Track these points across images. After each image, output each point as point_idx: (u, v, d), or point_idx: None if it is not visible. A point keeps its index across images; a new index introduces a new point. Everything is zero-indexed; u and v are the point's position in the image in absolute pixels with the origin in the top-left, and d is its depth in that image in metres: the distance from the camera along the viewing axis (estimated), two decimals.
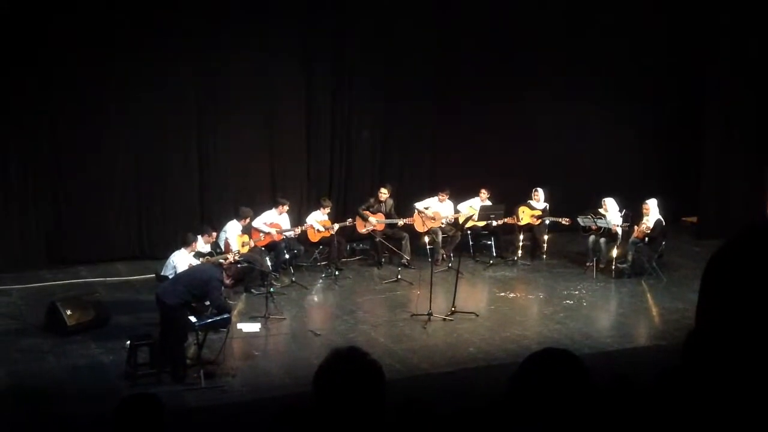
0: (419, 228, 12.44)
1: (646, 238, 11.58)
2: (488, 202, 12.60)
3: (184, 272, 8.60)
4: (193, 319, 8.02)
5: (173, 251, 9.65)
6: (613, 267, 11.69)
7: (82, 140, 11.60)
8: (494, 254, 12.72)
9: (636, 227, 11.67)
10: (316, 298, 11.02)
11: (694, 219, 14.48)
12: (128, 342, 8.07)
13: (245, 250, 10.87)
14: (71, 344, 8.74)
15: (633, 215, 11.81)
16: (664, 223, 11.63)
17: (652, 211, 11.59)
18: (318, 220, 11.91)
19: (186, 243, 9.65)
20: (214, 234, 10.48)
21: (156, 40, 11.68)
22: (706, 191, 14.12)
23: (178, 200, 12.28)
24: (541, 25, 13.53)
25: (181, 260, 9.42)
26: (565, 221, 12.43)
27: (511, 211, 12.64)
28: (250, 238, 11.20)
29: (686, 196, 14.43)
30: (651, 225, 11.51)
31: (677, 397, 1.74)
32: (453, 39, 13.42)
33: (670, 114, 14.77)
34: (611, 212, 11.91)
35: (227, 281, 8.57)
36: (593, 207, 12.09)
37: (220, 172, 12.55)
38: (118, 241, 11.99)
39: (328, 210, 11.97)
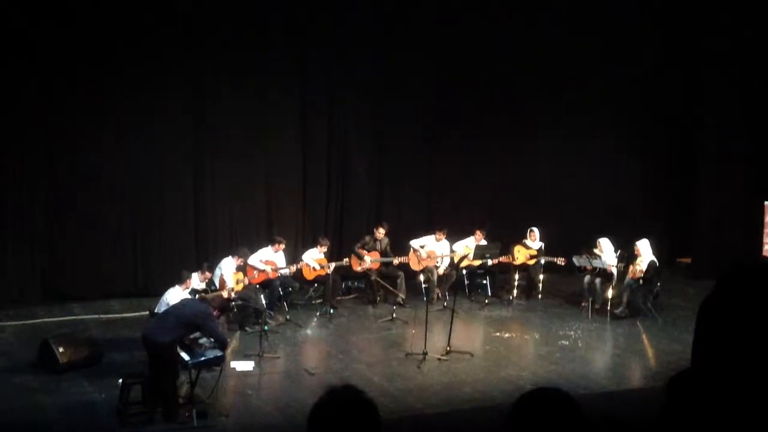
0: (414, 266, 12.44)
1: (641, 280, 11.59)
2: (484, 242, 12.62)
3: (171, 309, 8.44)
4: (185, 356, 7.96)
5: (168, 288, 9.63)
6: (609, 308, 11.67)
7: (78, 177, 11.65)
8: (490, 293, 12.70)
9: (631, 266, 11.69)
10: (310, 337, 10.96)
11: (688, 260, 14.51)
12: (120, 380, 8.00)
13: (240, 287, 10.85)
14: (63, 382, 8.66)
15: (628, 255, 11.83)
16: (657, 264, 11.65)
17: (645, 253, 11.61)
18: (314, 258, 11.91)
19: (180, 280, 9.62)
20: (209, 273, 10.47)
21: (153, 76, 11.79)
22: (700, 231, 14.18)
23: (173, 237, 12.28)
24: (540, 65, 13.65)
25: (175, 298, 9.38)
26: (560, 261, 12.44)
27: (507, 250, 12.67)
28: (245, 275, 11.18)
29: (681, 237, 14.48)
30: (644, 267, 11.53)
31: None
32: (452, 77, 13.55)
33: (664, 154, 14.87)
34: (606, 252, 11.93)
35: (214, 313, 8.49)
36: (588, 247, 12.11)
37: (216, 209, 12.59)
38: (113, 278, 11.96)
39: (325, 249, 11.98)
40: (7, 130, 11.18)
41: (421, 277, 12.40)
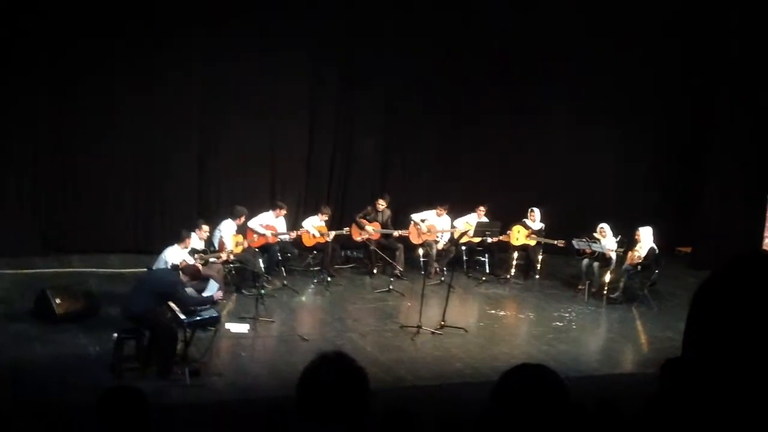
0: (414, 240, 12.45)
1: (639, 266, 11.60)
2: (485, 219, 12.62)
3: (143, 280, 8.54)
4: (182, 316, 8.00)
5: (167, 247, 9.65)
6: (605, 292, 11.70)
7: (83, 133, 11.65)
8: (488, 271, 12.72)
9: (630, 252, 11.69)
10: (306, 303, 11.01)
11: (688, 249, 14.50)
12: (115, 335, 8.05)
13: (239, 250, 10.87)
14: (59, 333, 8.72)
15: (628, 241, 11.83)
16: (657, 252, 11.64)
17: (645, 239, 11.60)
18: (314, 226, 11.91)
19: (179, 239, 9.65)
20: (206, 228, 10.46)
21: (160, 38, 11.74)
22: (702, 222, 14.16)
23: (176, 196, 12.30)
24: (547, 48, 13.55)
25: (174, 256, 9.42)
26: (559, 243, 12.43)
27: (507, 229, 12.67)
28: (245, 238, 11.20)
29: (683, 226, 14.46)
30: (643, 253, 11.53)
31: (662, 424, 1.75)
32: (459, 55, 13.48)
33: (670, 143, 14.81)
34: (606, 237, 11.92)
35: (184, 279, 8.53)
36: (589, 230, 12.10)
37: (219, 171, 12.59)
38: (113, 234, 11.98)
39: (326, 217, 11.98)
40: (14, 88, 11.12)
41: (420, 251, 12.42)
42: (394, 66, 13.19)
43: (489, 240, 12.55)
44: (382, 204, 12.38)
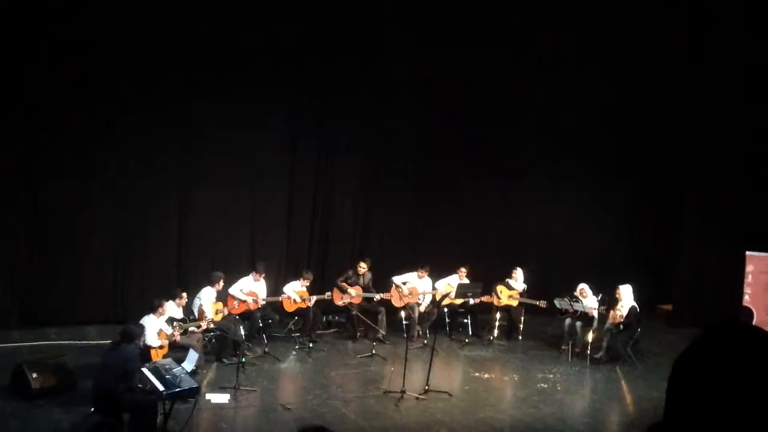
0: (396, 303, 12.40)
1: (621, 325, 11.60)
2: (466, 281, 12.62)
3: (104, 365, 8.26)
4: (160, 387, 7.86)
5: (143, 316, 9.54)
6: (589, 352, 11.65)
7: (61, 202, 11.60)
8: (470, 333, 12.66)
9: (611, 312, 11.70)
10: (288, 371, 10.87)
11: (669, 306, 14.55)
12: (92, 409, 7.86)
13: (219, 317, 10.76)
14: (35, 408, 8.52)
15: (609, 300, 11.85)
16: (638, 310, 11.67)
17: (626, 298, 11.63)
18: (295, 291, 11.85)
19: (153, 308, 9.56)
20: (185, 296, 10.37)
21: (138, 103, 11.80)
22: (680, 280, 14.25)
23: (154, 265, 12.21)
24: (523, 109, 13.83)
25: (150, 325, 9.31)
26: (542, 303, 12.42)
27: (489, 290, 12.66)
28: (225, 305, 11.10)
29: (662, 284, 14.54)
30: (625, 312, 11.55)
31: None
32: (441, 117, 13.67)
33: (647, 202, 14.99)
34: (588, 297, 11.94)
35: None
36: (570, 290, 12.13)
37: (198, 238, 12.54)
38: (91, 304, 11.83)
39: (307, 283, 11.93)
40: None
41: (402, 314, 12.36)
42: (373, 128, 13.35)
43: (471, 301, 12.53)
44: (363, 267, 12.36)
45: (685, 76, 14.11)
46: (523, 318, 12.70)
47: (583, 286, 11.99)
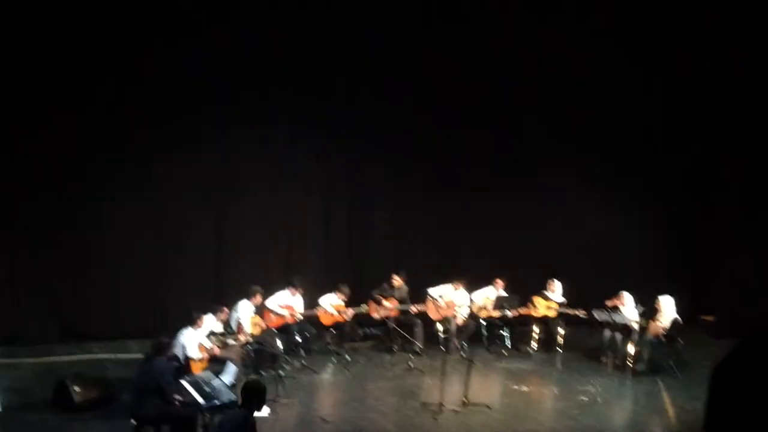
0: (433, 315, 12.36)
1: (663, 337, 11.41)
2: (503, 293, 12.54)
3: (139, 380, 8.20)
4: (200, 399, 7.93)
5: (180, 329, 9.66)
6: (629, 363, 11.49)
7: (101, 216, 11.75)
8: (509, 345, 12.57)
9: (652, 323, 11.52)
10: (326, 383, 10.89)
11: (711, 318, 14.27)
12: (133, 421, 7.97)
13: (257, 331, 10.84)
14: (77, 422, 8.66)
15: (649, 311, 11.67)
16: (681, 322, 11.47)
17: (667, 309, 11.45)
18: (332, 304, 11.88)
19: (191, 321, 9.66)
20: (226, 310, 10.47)
21: (175, 119, 11.93)
22: (722, 290, 13.97)
23: (193, 279, 12.33)
24: (556, 116, 13.73)
25: (189, 339, 9.41)
26: (581, 313, 12.28)
27: (527, 302, 12.56)
28: (263, 318, 11.17)
29: (704, 294, 14.27)
30: (667, 324, 11.36)
31: None
32: (470, 127, 13.62)
33: (689, 210, 14.71)
34: (628, 307, 11.78)
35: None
36: (608, 299, 11.96)
37: (236, 251, 12.64)
38: (132, 318, 11.97)
39: (344, 297, 11.95)
40: (31, 170, 11.33)
41: (440, 327, 12.32)
42: (409, 140, 13.34)
43: (509, 313, 12.44)
44: (398, 280, 12.36)
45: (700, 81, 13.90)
46: (561, 330, 12.56)
47: (624, 294, 11.83)
